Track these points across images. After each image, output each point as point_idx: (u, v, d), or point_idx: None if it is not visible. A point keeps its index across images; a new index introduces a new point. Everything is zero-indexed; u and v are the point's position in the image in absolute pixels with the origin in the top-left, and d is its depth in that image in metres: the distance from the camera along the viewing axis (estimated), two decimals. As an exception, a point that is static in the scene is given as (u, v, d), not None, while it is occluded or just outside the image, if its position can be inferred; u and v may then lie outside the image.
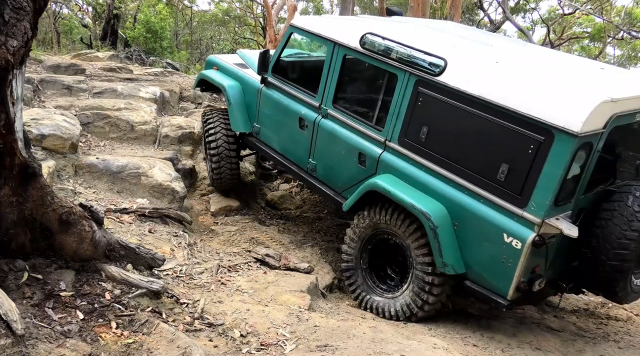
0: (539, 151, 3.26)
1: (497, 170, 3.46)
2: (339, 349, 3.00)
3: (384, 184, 4.01)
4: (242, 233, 5.40)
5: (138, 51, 12.55)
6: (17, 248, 2.77)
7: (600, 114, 3.20)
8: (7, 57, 2.28)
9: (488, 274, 3.61)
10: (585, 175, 3.40)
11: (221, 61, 6.06)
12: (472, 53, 4.08)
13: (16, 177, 2.63)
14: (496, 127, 3.46)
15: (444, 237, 3.68)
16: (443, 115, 3.80)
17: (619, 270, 3.44)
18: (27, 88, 6.40)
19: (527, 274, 3.45)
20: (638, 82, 3.78)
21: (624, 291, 3.58)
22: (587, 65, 4.20)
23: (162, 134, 6.56)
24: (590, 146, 3.27)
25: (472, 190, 3.63)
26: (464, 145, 3.68)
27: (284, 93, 5.10)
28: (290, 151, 5.16)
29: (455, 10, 11.93)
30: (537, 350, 3.81)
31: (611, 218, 3.44)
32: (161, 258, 3.55)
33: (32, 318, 2.54)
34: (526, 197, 3.35)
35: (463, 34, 4.79)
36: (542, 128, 3.24)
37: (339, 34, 4.57)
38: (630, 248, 3.37)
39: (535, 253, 3.38)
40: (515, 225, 3.40)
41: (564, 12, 18.64)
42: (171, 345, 2.68)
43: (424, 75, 3.89)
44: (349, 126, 4.48)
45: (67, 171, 5.16)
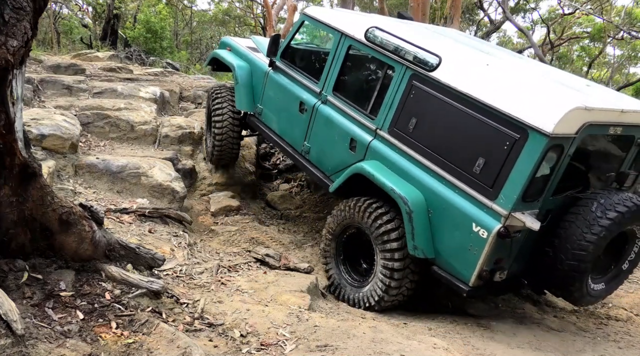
0: (514, 147, 3.47)
1: (474, 163, 3.68)
2: (339, 349, 3.00)
3: (368, 168, 4.25)
4: (242, 233, 5.41)
5: (138, 51, 12.55)
6: (17, 248, 2.77)
7: (572, 119, 3.39)
8: (7, 57, 2.28)
9: (454, 260, 3.82)
10: (555, 176, 3.59)
11: (234, 43, 6.38)
12: (466, 55, 4.32)
13: (16, 177, 2.63)
14: (478, 122, 3.69)
15: (418, 222, 3.90)
16: (432, 108, 4.04)
17: (576, 270, 3.64)
18: (27, 88, 6.40)
19: (490, 264, 3.65)
20: (617, 100, 3.99)
21: (579, 292, 3.79)
22: (573, 80, 4.37)
23: (162, 134, 6.56)
24: (561, 149, 3.47)
25: (449, 180, 3.85)
26: (447, 138, 3.91)
27: (289, 78, 5.36)
28: (288, 133, 5.40)
29: (455, 10, 11.92)
30: (537, 350, 3.81)
31: (575, 221, 3.64)
32: (161, 258, 3.55)
33: (32, 318, 2.54)
34: (497, 190, 3.55)
35: (464, 41, 5.03)
36: (518, 127, 3.46)
37: (346, 25, 4.84)
38: (589, 250, 3.56)
39: (500, 245, 3.57)
40: (484, 216, 3.60)
41: (564, 12, 18.65)
42: (171, 345, 2.68)
43: (419, 69, 4.12)
44: (344, 113, 4.72)
45: (67, 171, 5.16)
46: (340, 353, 2.95)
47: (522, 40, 23.17)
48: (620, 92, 19.22)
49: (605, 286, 4.02)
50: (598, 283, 3.95)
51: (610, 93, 4.34)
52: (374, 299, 4.23)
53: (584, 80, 4.67)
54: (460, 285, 3.77)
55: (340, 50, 4.82)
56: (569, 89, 3.93)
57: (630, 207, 3.62)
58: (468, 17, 20.01)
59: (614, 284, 4.12)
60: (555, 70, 4.75)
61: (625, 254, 4.01)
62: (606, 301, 5.18)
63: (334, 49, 4.89)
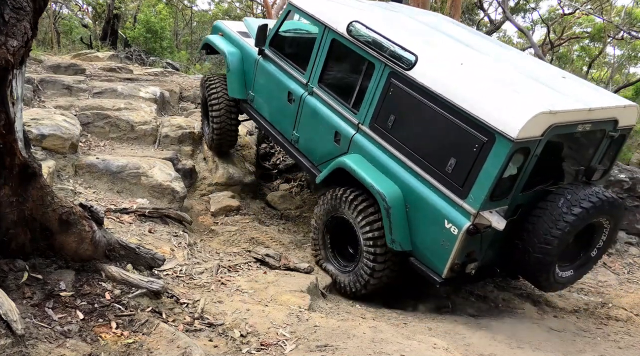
0: (482, 150, 3.62)
1: (446, 163, 3.83)
2: (339, 349, 3.00)
3: (350, 163, 4.40)
4: (242, 233, 5.40)
5: (138, 51, 12.54)
6: (17, 248, 2.77)
7: (537, 123, 3.53)
8: (7, 57, 2.28)
9: (429, 253, 4.03)
10: (523, 176, 3.75)
11: (226, 28, 6.33)
12: (443, 52, 4.39)
13: (16, 177, 2.63)
14: (450, 124, 3.81)
15: (395, 217, 4.07)
16: (409, 106, 4.13)
17: (542, 262, 3.85)
18: (27, 88, 6.40)
19: (462, 257, 3.84)
20: (588, 95, 4.13)
21: (546, 281, 4.05)
22: (548, 74, 4.48)
23: (162, 134, 6.56)
24: (527, 151, 3.61)
25: (424, 177, 4.00)
26: (423, 136, 4.04)
27: (277, 67, 5.39)
28: (278, 121, 5.49)
29: (455, 10, 11.92)
30: (537, 350, 3.81)
31: (542, 216, 3.82)
32: (161, 258, 3.55)
33: (32, 318, 2.54)
34: (467, 190, 3.71)
35: (449, 32, 5.05)
36: (487, 130, 3.60)
37: (330, 18, 4.85)
38: (554, 244, 3.77)
39: (470, 240, 3.76)
40: (455, 214, 3.78)
41: (564, 12, 18.64)
42: (171, 345, 2.68)
43: (396, 68, 4.20)
44: (329, 105, 4.82)
45: (67, 171, 5.16)
46: (340, 353, 2.95)
47: (522, 40, 23.16)
48: (620, 92, 19.16)
49: (574, 273, 4.25)
50: (566, 271, 4.17)
51: (584, 87, 4.41)
52: (360, 284, 4.41)
53: (560, 72, 4.73)
54: (434, 277, 3.96)
55: (325, 43, 4.85)
56: (542, 86, 4.05)
57: (595, 202, 3.78)
58: (468, 17, 20.00)
59: (583, 271, 4.35)
60: (533, 63, 4.80)
61: (593, 243, 4.20)
62: (606, 302, 5.18)
63: (318, 41, 4.92)
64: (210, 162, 6.62)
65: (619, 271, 5.96)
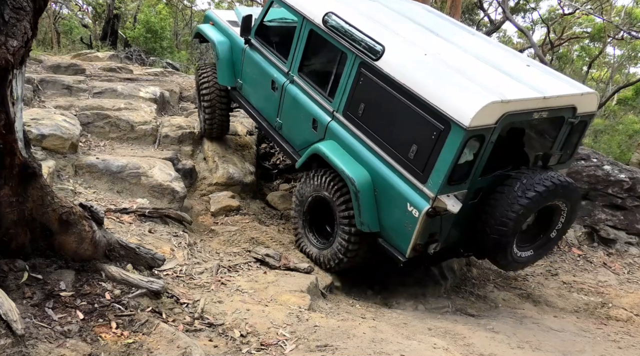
0: (439, 137, 3.81)
1: (409, 149, 4.04)
2: (339, 349, 3.00)
3: (324, 149, 4.63)
4: (242, 233, 5.40)
5: (138, 51, 12.53)
6: (17, 248, 2.77)
7: (490, 112, 3.71)
8: (7, 57, 2.28)
9: (394, 235, 4.25)
10: (480, 161, 3.94)
11: (217, 17, 6.45)
12: (411, 42, 4.54)
13: (16, 177, 2.63)
14: (412, 112, 4.01)
15: (364, 200, 4.29)
16: (376, 95, 4.32)
17: (498, 242, 4.07)
18: (27, 88, 6.40)
19: (424, 238, 4.06)
20: (547, 84, 4.28)
21: (504, 260, 4.26)
22: (512, 63, 4.62)
23: (162, 134, 6.56)
24: (482, 138, 3.80)
25: (390, 163, 4.20)
26: (389, 124, 4.23)
27: (262, 56, 5.56)
28: (263, 108, 5.69)
29: (455, 10, 11.92)
30: (537, 350, 3.81)
31: (499, 199, 4.03)
32: (161, 258, 3.55)
33: (32, 318, 2.54)
34: (426, 175, 3.92)
35: (421, 20, 5.21)
36: (443, 119, 3.79)
37: (307, 9, 5.01)
38: (509, 225, 3.98)
39: (430, 222, 3.97)
40: (416, 197, 3.99)
41: (564, 12, 18.64)
42: (171, 345, 2.68)
43: (365, 58, 4.38)
44: (308, 94, 5.00)
45: (67, 171, 5.16)
46: (340, 353, 2.95)
47: (522, 40, 23.16)
48: (620, 92, 19.09)
49: (534, 254, 4.45)
50: (526, 251, 4.38)
51: (546, 76, 4.54)
52: (334, 261, 4.67)
53: (525, 61, 4.85)
54: (399, 256, 4.20)
55: (303, 34, 5.02)
56: (502, 75, 4.22)
57: (549, 186, 3.98)
58: (468, 17, 19.99)
59: (543, 251, 4.56)
60: (499, 52, 4.93)
61: (552, 225, 4.40)
62: (606, 302, 5.18)
63: (298, 32, 5.08)
64: (210, 162, 6.62)
65: (619, 272, 5.96)
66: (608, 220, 6.39)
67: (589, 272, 5.91)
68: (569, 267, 5.97)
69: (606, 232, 6.36)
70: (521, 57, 4.97)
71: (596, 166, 6.56)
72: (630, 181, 6.40)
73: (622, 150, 14.93)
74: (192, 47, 21.32)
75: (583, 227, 6.45)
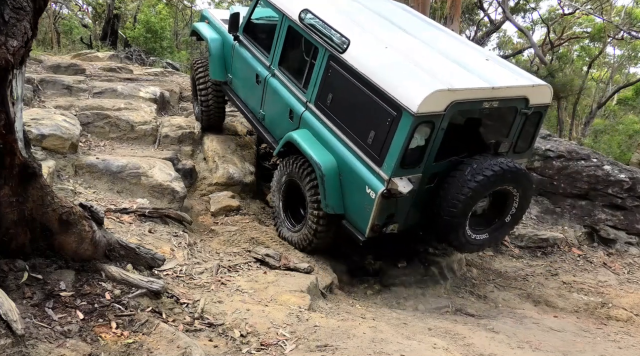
0: (392, 123, 4.09)
1: (368, 135, 4.31)
2: (339, 349, 3.01)
3: (296, 137, 4.90)
4: (242, 233, 5.40)
5: (138, 51, 12.52)
6: (17, 248, 2.77)
7: (437, 100, 3.99)
8: (7, 57, 2.28)
9: (356, 216, 4.51)
10: (432, 147, 4.20)
11: (211, 16, 6.83)
12: (375, 37, 4.81)
13: (16, 177, 2.63)
14: (372, 100, 4.28)
15: (329, 184, 4.57)
16: (342, 86, 4.60)
17: (449, 224, 4.33)
18: (27, 88, 6.40)
19: (382, 219, 4.32)
20: (499, 75, 4.51)
21: (457, 241, 4.49)
22: (471, 56, 4.86)
23: (162, 134, 6.56)
24: (432, 124, 4.07)
25: (353, 149, 4.47)
26: (352, 112, 4.52)
27: (249, 51, 5.88)
28: (249, 101, 6.01)
29: (455, 10, 11.92)
30: (537, 350, 3.81)
31: (451, 183, 4.29)
32: (161, 258, 3.55)
33: (32, 318, 2.54)
34: (382, 158, 4.18)
35: (390, 16, 5.47)
36: (395, 106, 4.07)
37: (286, 6, 5.34)
38: (458, 207, 4.24)
39: (386, 203, 4.22)
40: (373, 180, 4.25)
41: (564, 12, 18.64)
42: (171, 345, 2.68)
43: (333, 51, 4.67)
44: (286, 86, 5.29)
45: (67, 171, 5.16)
46: (340, 353, 2.95)
47: (522, 40, 23.15)
48: (620, 92, 19.07)
49: (489, 237, 4.71)
50: (481, 234, 4.63)
51: (501, 68, 4.76)
52: (306, 242, 4.95)
53: (485, 54, 5.08)
54: (359, 236, 4.45)
55: (283, 29, 5.33)
56: (457, 67, 4.48)
57: (497, 171, 4.23)
58: (468, 17, 19.99)
59: (498, 234, 4.82)
60: (460, 46, 5.16)
61: (506, 210, 4.64)
62: (606, 302, 5.18)
63: (278, 28, 5.40)
64: (210, 162, 6.62)
65: (619, 272, 5.96)
66: (608, 220, 6.39)
67: (589, 272, 5.91)
68: (569, 267, 5.97)
69: (606, 232, 6.36)
70: (482, 52, 5.21)
71: (596, 166, 6.56)
72: (630, 181, 6.40)
73: (622, 150, 14.94)
74: (192, 47, 21.33)
75: (583, 227, 6.45)
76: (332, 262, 5.19)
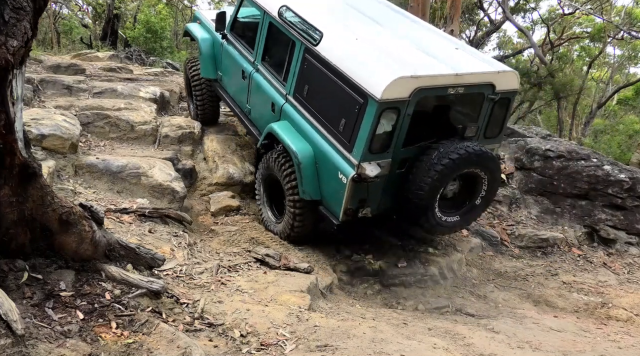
0: (360, 110, 4.27)
1: (339, 123, 4.49)
2: (339, 349, 3.01)
3: (276, 128, 5.11)
4: (242, 233, 5.40)
5: (138, 51, 12.51)
6: (17, 248, 2.77)
7: (400, 86, 4.16)
8: (7, 57, 2.28)
9: (331, 201, 4.70)
10: (400, 132, 4.37)
11: (202, 16, 7.08)
12: (347, 29, 5.02)
13: (16, 177, 2.63)
14: (342, 90, 4.46)
15: (305, 171, 4.75)
16: (316, 77, 4.79)
17: (418, 206, 4.51)
18: (27, 88, 6.40)
19: (354, 203, 4.49)
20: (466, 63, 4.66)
21: (428, 223, 4.65)
22: (440, 46, 5.02)
23: (162, 134, 6.56)
24: (397, 110, 4.25)
25: (327, 137, 4.66)
26: (326, 101, 4.71)
27: (235, 49, 6.12)
28: (237, 96, 6.25)
29: (455, 10, 11.93)
30: (537, 350, 3.81)
31: (419, 167, 4.44)
32: (161, 258, 3.55)
33: (32, 318, 2.54)
34: (352, 144, 4.36)
35: (363, 9, 5.65)
36: (362, 93, 4.25)
37: (268, 3, 5.53)
38: (425, 190, 4.40)
39: (357, 188, 4.39)
40: (345, 165, 4.43)
41: (564, 12, 18.64)
42: (171, 345, 2.68)
43: (308, 44, 4.85)
44: (268, 80, 5.51)
45: (67, 171, 5.16)
46: (340, 353, 2.95)
47: (522, 40, 23.14)
48: (620, 92, 19.04)
49: (460, 219, 4.86)
50: (452, 216, 4.78)
51: (469, 57, 4.87)
52: (288, 229, 5.14)
53: (455, 44, 5.18)
54: (334, 220, 4.65)
55: (264, 26, 5.57)
56: (424, 55, 4.65)
57: (462, 154, 4.37)
58: (468, 17, 19.98)
59: (469, 217, 4.96)
60: (430, 36, 5.31)
61: (476, 193, 4.79)
62: (606, 302, 5.18)
63: (260, 24, 5.63)
64: (210, 162, 6.62)
65: (619, 272, 5.96)
66: (608, 220, 6.38)
67: (589, 272, 5.91)
68: (569, 267, 5.96)
69: (606, 232, 6.35)
70: (453, 41, 5.36)
71: (596, 166, 6.55)
72: (630, 181, 6.40)
73: (622, 150, 14.94)
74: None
75: (583, 227, 6.44)
76: (332, 261, 5.19)
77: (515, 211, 6.66)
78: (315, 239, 5.77)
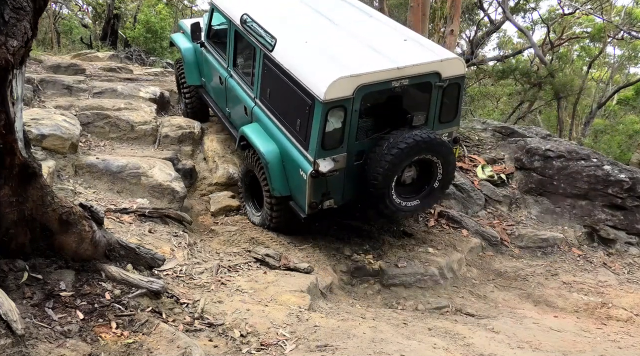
0: (310, 111, 4.53)
1: (296, 123, 4.76)
2: (339, 349, 3.01)
3: (246, 130, 5.38)
4: (242, 233, 5.40)
5: (138, 51, 12.51)
6: (17, 248, 2.77)
7: (342, 86, 4.40)
8: (7, 57, 2.28)
9: (297, 196, 4.99)
10: (350, 128, 4.62)
11: (185, 26, 7.23)
12: (300, 33, 5.24)
13: (16, 177, 2.63)
14: (294, 92, 4.72)
15: (272, 170, 5.03)
16: (275, 81, 5.05)
17: (374, 194, 4.75)
18: (27, 88, 6.40)
19: (317, 197, 4.76)
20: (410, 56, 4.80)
21: (387, 209, 4.89)
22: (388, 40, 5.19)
23: (162, 134, 6.56)
24: (344, 108, 4.49)
25: (289, 137, 4.93)
26: (284, 104, 5.00)
27: (212, 56, 6.38)
28: (218, 101, 6.56)
29: (455, 10, 11.91)
30: (537, 350, 3.81)
31: (372, 158, 4.67)
32: (161, 258, 3.55)
33: (32, 318, 2.54)
34: (307, 143, 4.63)
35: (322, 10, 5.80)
36: (310, 95, 4.51)
37: (232, 12, 5.77)
38: (378, 179, 4.63)
39: (317, 182, 4.65)
40: (304, 163, 4.69)
41: (564, 12, 18.62)
42: (171, 345, 2.68)
43: (265, 50, 5.09)
44: (240, 85, 5.77)
45: (67, 171, 5.16)
46: (340, 353, 2.95)
47: (522, 40, 23.13)
48: (620, 92, 19.02)
49: (420, 202, 5.08)
50: (412, 201, 5.01)
51: (415, 48, 5.03)
52: (266, 224, 5.43)
53: (404, 36, 5.32)
54: (301, 214, 4.92)
55: (232, 34, 5.80)
56: (370, 52, 4.83)
57: (410, 143, 4.57)
58: (468, 17, 19.97)
59: (429, 200, 5.18)
60: (385, 30, 5.45)
61: (433, 176, 5.00)
62: (606, 302, 5.18)
63: (228, 32, 5.86)
64: (210, 162, 6.62)
65: (619, 272, 5.96)
66: (608, 220, 6.38)
67: (589, 272, 5.91)
68: (569, 267, 5.96)
69: (606, 232, 6.35)
70: (403, 33, 5.47)
71: (596, 166, 6.55)
72: (630, 181, 6.39)
73: (622, 150, 14.93)
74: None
75: (583, 227, 6.44)
76: (332, 261, 5.20)
77: (515, 211, 6.66)
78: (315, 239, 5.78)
